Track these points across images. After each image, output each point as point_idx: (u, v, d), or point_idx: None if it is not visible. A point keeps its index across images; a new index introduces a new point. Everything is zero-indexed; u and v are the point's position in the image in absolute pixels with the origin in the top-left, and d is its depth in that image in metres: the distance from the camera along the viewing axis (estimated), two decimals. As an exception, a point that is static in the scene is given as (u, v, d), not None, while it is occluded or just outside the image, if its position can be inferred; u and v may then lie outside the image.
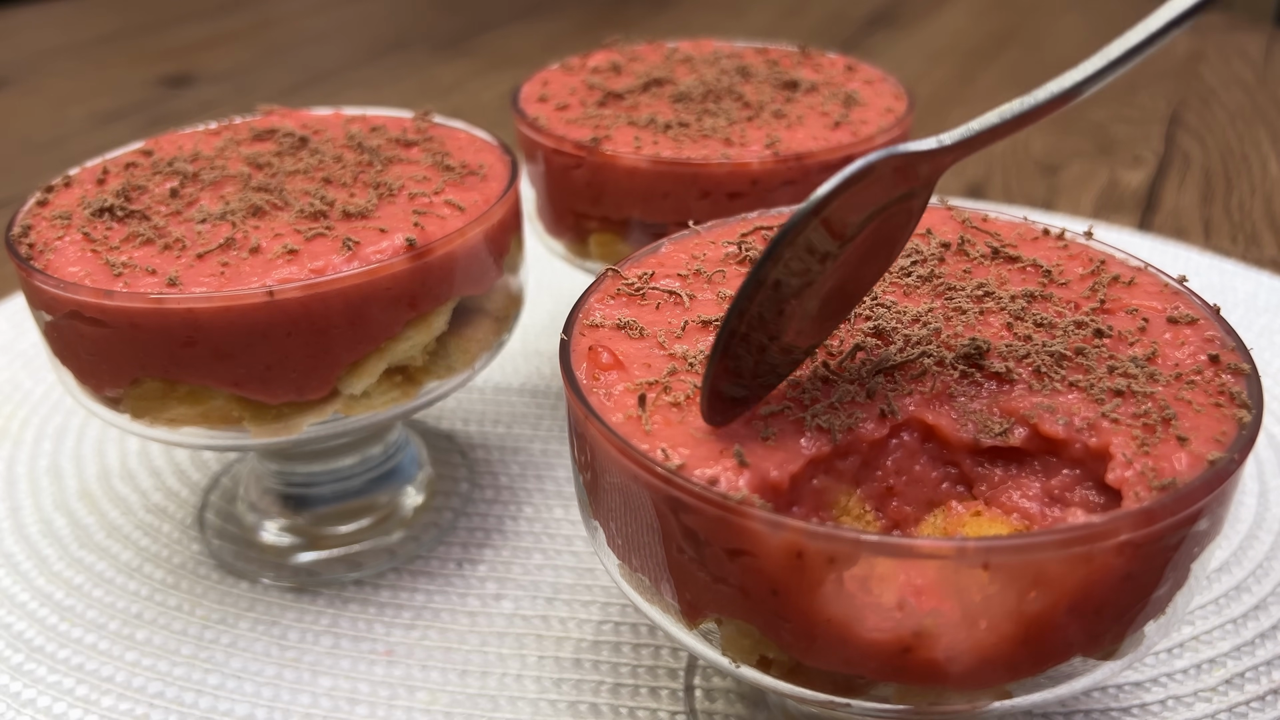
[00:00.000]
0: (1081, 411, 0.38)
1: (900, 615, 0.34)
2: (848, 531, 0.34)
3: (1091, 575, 0.34)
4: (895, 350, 0.42)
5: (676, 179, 0.63)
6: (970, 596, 0.33)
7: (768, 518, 0.34)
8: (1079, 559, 0.33)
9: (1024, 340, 0.42)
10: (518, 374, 0.82)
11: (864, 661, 0.35)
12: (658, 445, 0.37)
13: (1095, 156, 1.21)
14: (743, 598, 0.36)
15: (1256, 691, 0.53)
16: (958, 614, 0.33)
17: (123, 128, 1.33)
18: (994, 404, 0.39)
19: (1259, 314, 0.85)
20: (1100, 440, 0.37)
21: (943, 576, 0.33)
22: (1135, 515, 0.33)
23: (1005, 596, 0.33)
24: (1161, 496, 0.34)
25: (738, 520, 0.34)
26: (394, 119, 0.69)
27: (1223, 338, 0.42)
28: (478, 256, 0.57)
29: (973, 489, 0.39)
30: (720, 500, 0.34)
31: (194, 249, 0.52)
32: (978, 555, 0.33)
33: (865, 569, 0.33)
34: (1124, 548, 0.33)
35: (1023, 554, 0.33)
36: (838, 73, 0.77)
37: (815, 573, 0.34)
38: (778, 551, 0.34)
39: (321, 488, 0.66)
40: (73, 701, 0.54)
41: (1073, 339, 0.42)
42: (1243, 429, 0.37)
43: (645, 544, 0.38)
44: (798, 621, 0.35)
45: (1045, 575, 0.33)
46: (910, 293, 0.46)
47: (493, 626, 0.59)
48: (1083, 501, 0.37)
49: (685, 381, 0.40)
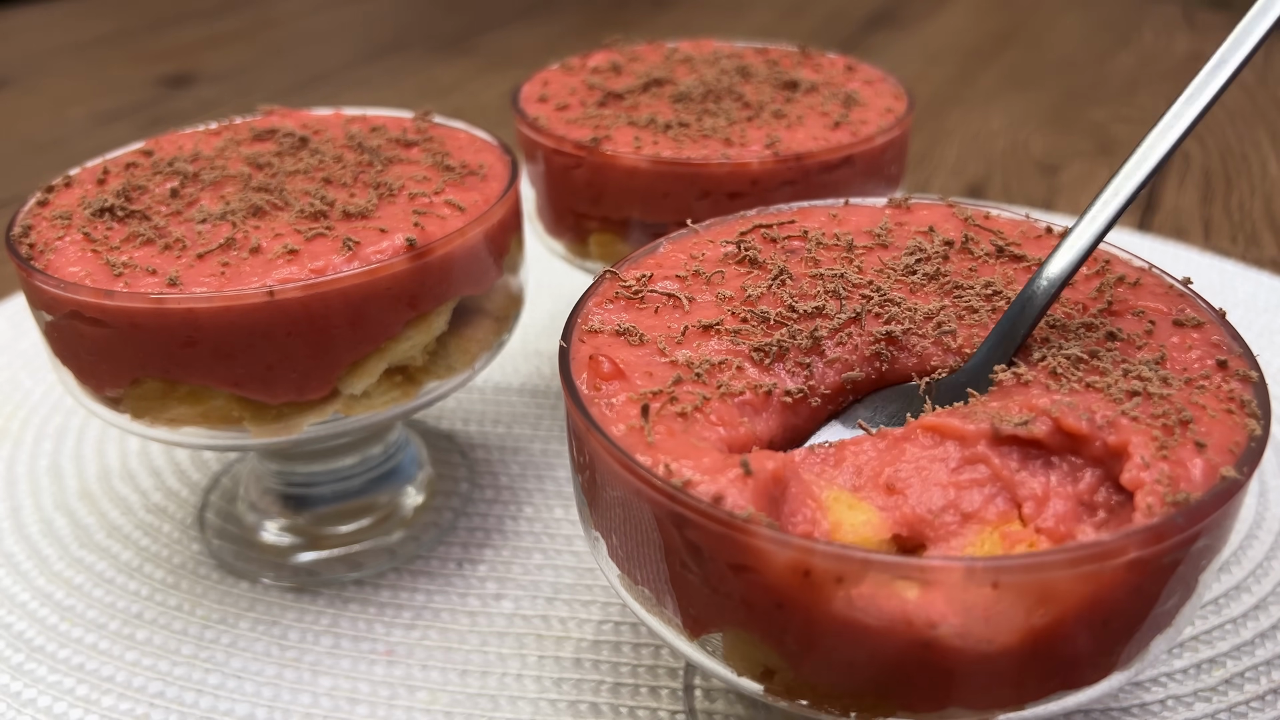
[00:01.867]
0: (1102, 410, 0.38)
1: (907, 634, 0.33)
2: (856, 551, 0.33)
3: (1100, 591, 0.33)
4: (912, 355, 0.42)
5: (676, 179, 0.63)
6: (979, 615, 0.33)
7: (775, 536, 0.33)
8: (1088, 577, 0.33)
9: (1041, 342, 0.42)
10: (518, 374, 0.82)
11: (870, 676, 0.35)
12: (660, 459, 0.36)
13: (1095, 156, 1.21)
14: (747, 613, 0.35)
15: (1256, 691, 0.53)
16: (966, 633, 0.33)
17: (123, 128, 1.33)
18: (1011, 401, 0.39)
19: (1259, 314, 0.85)
20: (1120, 438, 0.36)
21: (952, 595, 0.32)
22: (1144, 533, 0.33)
23: (1014, 614, 0.33)
24: (1172, 513, 0.34)
25: (744, 538, 0.33)
26: (394, 119, 0.69)
27: (1229, 343, 0.42)
28: (478, 256, 0.57)
29: (1017, 501, 0.38)
30: (726, 518, 0.34)
31: (194, 249, 0.52)
32: (986, 575, 0.32)
33: (873, 587, 0.33)
34: (1134, 565, 0.33)
35: (1031, 573, 0.32)
36: (838, 73, 0.77)
37: (822, 590, 0.33)
38: (784, 569, 0.33)
39: (322, 488, 0.66)
40: (73, 701, 0.54)
41: (1086, 341, 0.42)
42: (1253, 441, 0.37)
43: (648, 557, 0.38)
44: (804, 635, 0.35)
45: (1054, 592, 0.33)
46: (917, 290, 0.45)
47: (493, 626, 0.59)
48: (1104, 502, 0.36)
49: (690, 392, 0.39)
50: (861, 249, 0.49)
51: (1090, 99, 1.40)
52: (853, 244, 0.49)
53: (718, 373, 0.41)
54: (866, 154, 0.66)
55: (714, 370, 0.41)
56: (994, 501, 0.37)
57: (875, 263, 0.48)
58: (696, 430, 0.38)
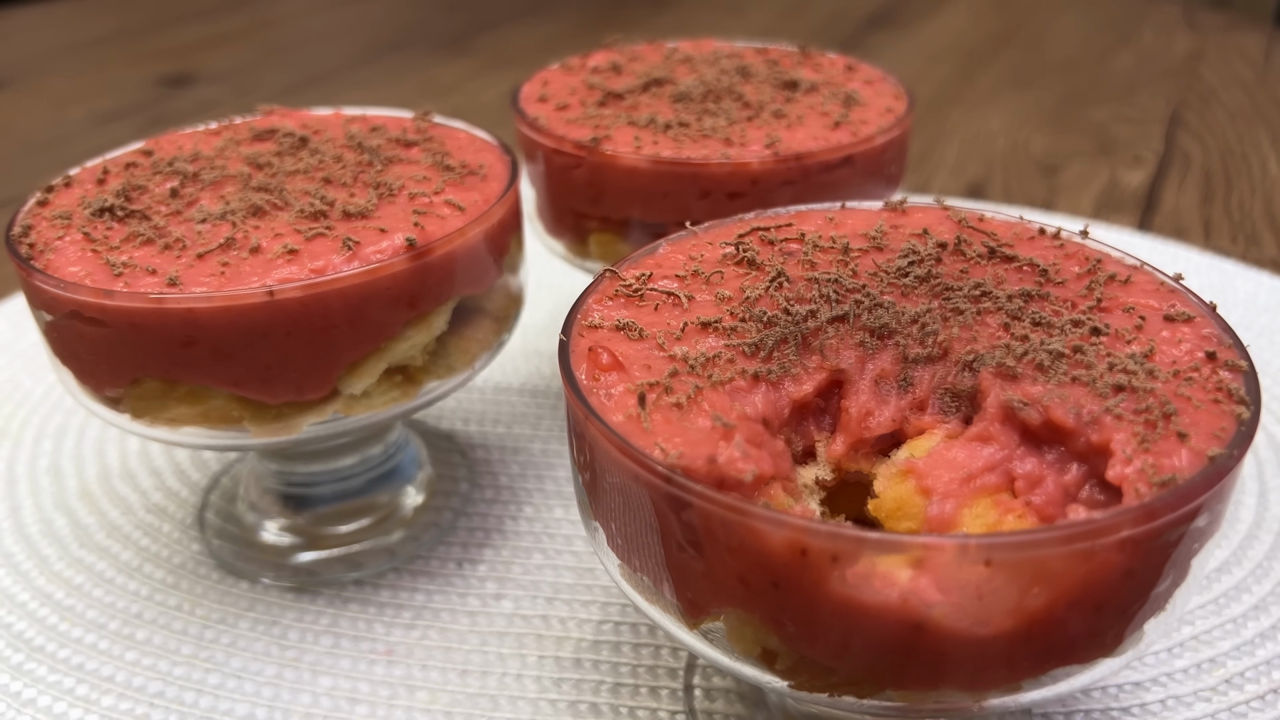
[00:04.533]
0: (1087, 405, 0.38)
1: (903, 611, 0.34)
2: (851, 530, 0.34)
3: (1093, 572, 0.34)
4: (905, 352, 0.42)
5: (676, 179, 0.63)
6: (972, 593, 0.33)
7: (770, 516, 0.34)
8: (1081, 555, 0.33)
9: (1021, 340, 0.42)
10: (518, 374, 0.82)
11: (866, 655, 0.35)
12: (656, 443, 0.37)
13: (1095, 156, 1.21)
14: (744, 593, 0.36)
15: (1256, 691, 0.53)
16: (960, 611, 0.33)
17: (123, 128, 1.33)
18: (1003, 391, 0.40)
19: (1259, 313, 0.85)
20: (1102, 436, 0.37)
21: (945, 574, 0.33)
22: (1136, 511, 0.33)
23: (1007, 593, 0.33)
24: (1162, 493, 0.34)
25: (739, 519, 0.34)
26: (394, 119, 0.69)
27: (1219, 335, 0.43)
28: (478, 256, 0.57)
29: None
30: (721, 500, 0.34)
31: (194, 249, 0.52)
32: (979, 552, 0.33)
33: (868, 566, 0.33)
34: (1125, 544, 0.33)
35: (1024, 550, 0.33)
36: (838, 73, 0.77)
37: (818, 570, 0.34)
38: (780, 549, 0.34)
39: (321, 488, 0.66)
40: (73, 701, 0.54)
41: (1070, 337, 0.42)
42: (1242, 425, 0.37)
43: (646, 543, 0.38)
44: (800, 615, 0.35)
45: (1047, 572, 0.33)
46: (908, 293, 0.46)
47: (493, 626, 0.59)
48: (1088, 499, 0.37)
49: (686, 383, 0.40)
50: (857, 252, 0.49)
51: (1090, 99, 1.40)
52: (848, 247, 0.49)
53: (712, 366, 0.41)
54: (866, 154, 0.66)
55: (709, 364, 0.41)
56: (991, 473, 0.38)
57: (869, 265, 0.48)
58: (691, 419, 0.38)
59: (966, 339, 0.43)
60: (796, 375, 0.42)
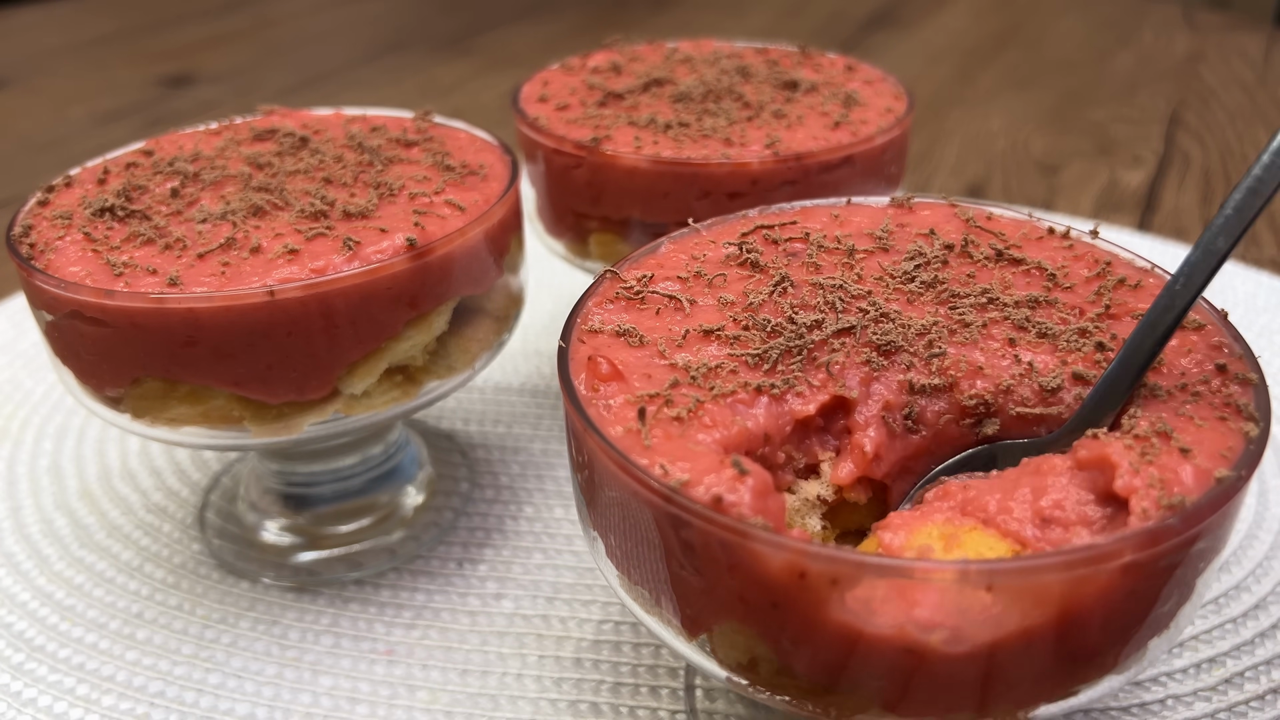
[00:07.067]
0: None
1: (902, 635, 0.33)
2: (850, 554, 0.33)
3: (1095, 595, 0.33)
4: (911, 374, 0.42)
5: (676, 179, 0.63)
6: (973, 618, 0.32)
7: (770, 539, 0.33)
8: (1083, 580, 0.32)
9: (1027, 369, 0.41)
10: (518, 374, 0.82)
11: (864, 677, 0.35)
12: (657, 461, 0.36)
13: (1095, 156, 1.21)
14: (743, 613, 0.35)
15: (1256, 691, 0.53)
16: (960, 636, 0.33)
17: (123, 128, 1.33)
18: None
19: (1259, 314, 0.85)
20: (1104, 456, 0.36)
21: (946, 599, 0.32)
22: (1140, 536, 0.33)
23: (1008, 618, 0.32)
24: (1167, 516, 0.33)
25: (739, 540, 0.33)
26: (394, 119, 0.69)
27: (1230, 344, 0.41)
28: (478, 256, 0.57)
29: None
30: (722, 521, 0.34)
31: (195, 249, 0.52)
32: (981, 578, 0.32)
33: (868, 590, 0.33)
34: (1128, 568, 0.33)
35: (1026, 576, 0.32)
36: (838, 73, 0.77)
37: (817, 592, 0.33)
38: (779, 572, 0.33)
39: (322, 487, 0.66)
40: (74, 701, 0.54)
41: (1075, 355, 0.41)
42: (1250, 444, 0.36)
43: (645, 558, 0.38)
44: (799, 636, 0.35)
45: (1049, 596, 0.32)
46: (914, 300, 0.45)
47: (493, 626, 0.59)
48: (1081, 518, 0.36)
49: (687, 395, 0.39)
50: (862, 253, 0.48)
51: (1090, 99, 1.40)
52: (854, 249, 0.48)
53: (714, 376, 0.41)
54: (866, 154, 0.66)
55: (710, 374, 0.41)
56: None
57: (875, 268, 0.47)
58: (692, 434, 0.38)
59: (972, 367, 0.42)
60: (800, 392, 0.41)
